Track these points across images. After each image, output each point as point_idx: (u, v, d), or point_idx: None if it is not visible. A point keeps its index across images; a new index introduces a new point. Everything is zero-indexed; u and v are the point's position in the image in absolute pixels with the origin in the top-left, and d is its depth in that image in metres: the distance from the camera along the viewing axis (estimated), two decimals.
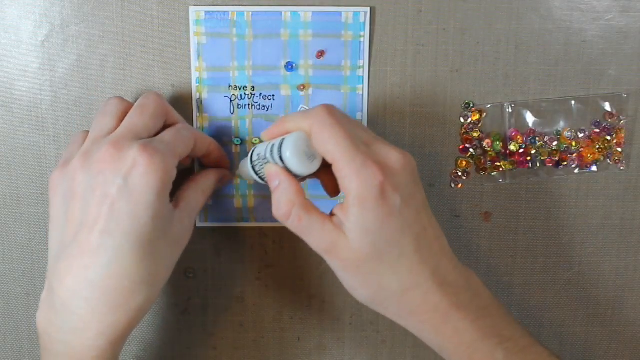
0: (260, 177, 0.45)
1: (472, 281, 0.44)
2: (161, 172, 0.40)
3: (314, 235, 0.42)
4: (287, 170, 0.43)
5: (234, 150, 0.52)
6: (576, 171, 0.53)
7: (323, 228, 0.42)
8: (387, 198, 0.40)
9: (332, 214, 0.43)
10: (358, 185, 0.40)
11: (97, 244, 0.40)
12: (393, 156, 0.42)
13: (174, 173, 0.42)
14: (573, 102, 0.52)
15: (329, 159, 0.41)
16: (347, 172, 0.40)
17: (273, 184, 0.43)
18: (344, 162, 0.40)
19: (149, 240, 0.41)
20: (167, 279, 0.44)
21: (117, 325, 0.41)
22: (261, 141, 0.46)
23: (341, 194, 0.42)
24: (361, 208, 0.40)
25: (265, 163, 0.44)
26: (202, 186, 0.47)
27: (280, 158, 0.42)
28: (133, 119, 0.44)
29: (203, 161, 0.50)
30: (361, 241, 0.41)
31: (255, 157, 0.45)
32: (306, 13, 0.50)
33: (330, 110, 0.42)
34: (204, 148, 0.47)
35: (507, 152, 0.52)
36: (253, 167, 0.46)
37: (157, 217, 0.41)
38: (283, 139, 0.43)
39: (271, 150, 0.43)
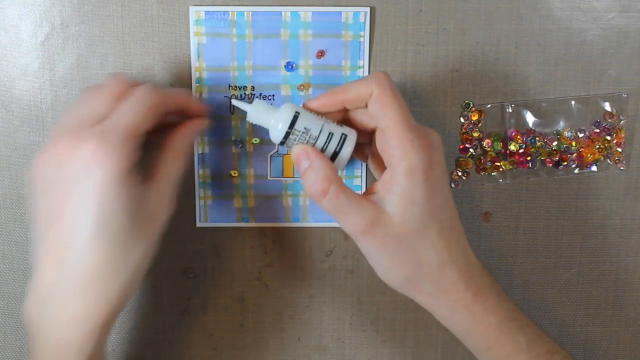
0: (282, 143, 0.44)
1: (485, 270, 0.46)
2: (118, 162, 0.39)
3: (352, 213, 0.42)
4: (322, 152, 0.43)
5: (233, 151, 0.52)
6: (576, 171, 0.53)
7: (360, 206, 0.42)
8: (434, 171, 0.41)
9: (367, 193, 0.43)
10: (412, 155, 0.41)
11: (66, 240, 0.40)
12: (434, 133, 0.43)
13: (135, 155, 0.41)
14: (573, 102, 0.52)
15: (383, 124, 0.42)
16: (401, 140, 0.41)
17: (303, 165, 0.43)
18: (401, 129, 0.41)
19: (117, 231, 0.40)
20: (148, 261, 0.43)
21: (95, 315, 0.41)
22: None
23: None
24: (411, 179, 0.41)
25: (302, 141, 0.43)
26: (177, 148, 0.45)
27: (336, 151, 0.43)
28: (80, 105, 0.43)
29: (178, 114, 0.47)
30: (406, 214, 0.41)
31: (300, 129, 0.43)
32: (306, 13, 0.50)
33: (390, 77, 0.43)
34: (173, 106, 0.45)
35: (507, 152, 0.52)
36: (286, 135, 0.43)
37: (122, 206, 0.40)
38: (345, 137, 0.43)
39: (328, 139, 0.43)
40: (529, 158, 0.53)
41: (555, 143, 0.53)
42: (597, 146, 0.53)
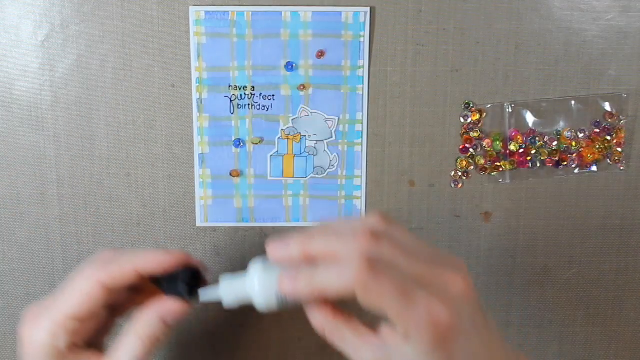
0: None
1: None
2: (42, 341, 0.41)
3: (351, 353, 0.39)
4: None
5: (233, 151, 0.52)
6: (576, 171, 0.53)
7: (360, 349, 0.39)
8: (450, 341, 0.36)
9: (375, 330, 0.39)
10: (418, 339, 0.36)
11: None
12: (455, 280, 0.37)
13: (70, 335, 0.40)
14: (573, 102, 0.52)
15: (382, 315, 0.37)
16: (405, 328, 0.36)
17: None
18: (399, 320, 0.36)
19: None
20: None
21: None
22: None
23: None
24: (418, 354, 0.36)
25: None
26: (139, 331, 0.41)
27: None
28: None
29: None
30: None
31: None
32: (306, 13, 0.50)
33: (369, 261, 0.36)
34: (137, 277, 0.41)
35: (507, 152, 0.52)
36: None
37: None
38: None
39: None
40: (529, 158, 0.53)
41: (555, 143, 0.53)
42: (597, 146, 0.53)
